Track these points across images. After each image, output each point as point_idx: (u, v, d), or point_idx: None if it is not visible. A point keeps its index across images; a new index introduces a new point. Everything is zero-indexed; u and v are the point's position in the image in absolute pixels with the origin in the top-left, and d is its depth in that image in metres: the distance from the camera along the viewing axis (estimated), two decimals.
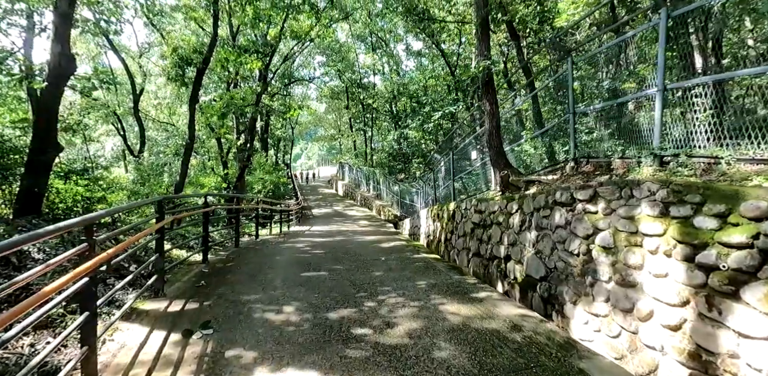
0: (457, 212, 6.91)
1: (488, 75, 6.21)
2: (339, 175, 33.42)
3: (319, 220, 17.98)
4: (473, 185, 10.43)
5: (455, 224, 6.95)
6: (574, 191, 3.68)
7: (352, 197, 26.46)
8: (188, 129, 10.97)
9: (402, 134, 24.75)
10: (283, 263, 5.61)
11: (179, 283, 4.43)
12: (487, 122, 6.32)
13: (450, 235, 7.19)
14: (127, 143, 20.37)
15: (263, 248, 7.22)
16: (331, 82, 34.69)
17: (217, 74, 13.89)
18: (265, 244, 8.07)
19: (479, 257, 5.59)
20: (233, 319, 3.26)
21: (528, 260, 4.23)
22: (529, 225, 4.36)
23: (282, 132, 36.51)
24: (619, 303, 3.00)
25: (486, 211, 5.60)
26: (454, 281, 4.44)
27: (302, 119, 42.49)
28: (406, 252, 6.67)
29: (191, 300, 3.77)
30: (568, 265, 3.60)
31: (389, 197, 21.01)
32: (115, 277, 4.22)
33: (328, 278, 4.63)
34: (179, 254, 5.94)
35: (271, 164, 24.96)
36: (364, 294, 3.91)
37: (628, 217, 3.06)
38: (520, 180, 5.90)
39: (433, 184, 12.51)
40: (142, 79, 22.44)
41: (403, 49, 30.10)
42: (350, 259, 5.87)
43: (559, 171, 6.04)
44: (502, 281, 4.76)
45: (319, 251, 6.74)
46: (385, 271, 4.98)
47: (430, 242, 8.78)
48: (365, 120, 28.48)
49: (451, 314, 3.33)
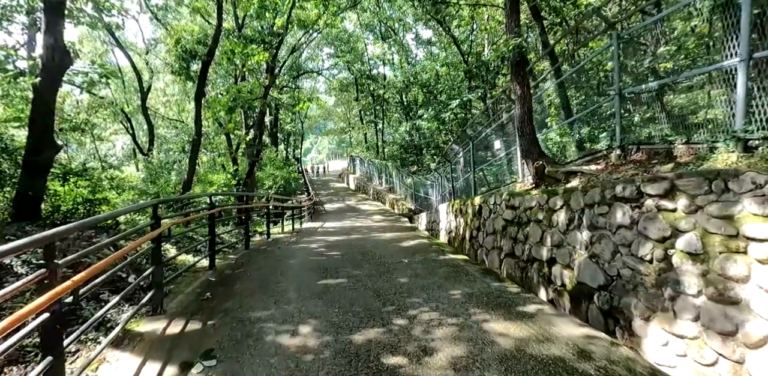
0: (484, 207, 6.32)
1: (519, 55, 5.55)
2: (350, 168, 32.92)
3: (331, 215, 17.54)
4: (494, 177, 9.80)
5: (482, 220, 6.36)
6: (641, 185, 3.06)
7: (364, 190, 25.96)
8: (195, 125, 10.51)
9: (414, 125, 24.08)
10: (296, 267, 5.11)
11: (182, 295, 3.95)
12: (518, 107, 5.68)
13: (476, 232, 6.60)
14: (136, 141, 20.12)
15: (275, 250, 6.75)
16: (339, 75, 34.08)
17: (224, 68, 13.40)
18: (277, 244, 7.60)
19: (514, 258, 5.01)
20: (241, 344, 2.76)
21: (580, 265, 3.64)
22: (579, 224, 3.76)
23: (291, 126, 36.09)
24: (714, 324, 2.41)
25: (521, 206, 5.00)
26: (493, 290, 3.87)
27: (311, 113, 42.00)
28: (429, 252, 6.12)
29: (194, 318, 3.28)
30: (637, 273, 3.00)
31: (402, 190, 20.45)
32: (109, 291, 3.76)
33: (347, 286, 4.10)
34: (185, 260, 5.48)
35: (281, 159, 24.55)
36: (391, 308, 3.37)
37: (723, 216, 2.44)
38: (557, 171, 5.27)
39: (450, 176, 11.91)
40: (150, 76, 22.12)
41: (413, 39, 29.22)
42: (370, 262, 5.34)
43: (602, 160, 5.39)
44: (545, 287, 4.18)
45: (335, 253, 6.23)
46: (410, 277, 4.43)
47: (452, 239, 8.21)
48: (375, 112, 27.81)
49: (499, 335, 2.77)
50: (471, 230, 6.86)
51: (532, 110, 5.77)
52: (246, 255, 6.24)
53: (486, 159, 10.00)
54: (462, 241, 7.35)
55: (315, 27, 17.12)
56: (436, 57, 25.15)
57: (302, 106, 12.65)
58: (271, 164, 22.94)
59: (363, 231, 10.45)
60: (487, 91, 12.13)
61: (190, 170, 10.60)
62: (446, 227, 8.85)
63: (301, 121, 38.10)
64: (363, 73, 27.88)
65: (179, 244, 6.32)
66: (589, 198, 3.65)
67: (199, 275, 4.77)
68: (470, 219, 6.99)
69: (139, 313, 3.38)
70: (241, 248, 6.98)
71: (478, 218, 6.56)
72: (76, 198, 6.78)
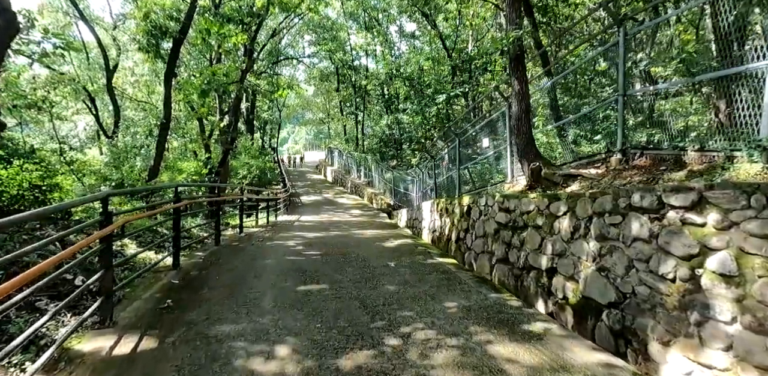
0: (474, 208, 6.01)
1: (520, 48, 5.21)
2: (328, 160, 32.24)
3: (308, 208, 16.99)
4: (479, 176, 9.55)
5: (471, 221, 6.05)
6: (663, 194, 2.78)
7: (342, 183, 25.44)
8: (164, 107, 9.74)
9: (396, 119, 23.68)
10: (272, 269, 4.65)
11: (138, 302, 3.43)
12: (515, 104, 5.36)
13: (464, 234, 6.30)
14: (100, 122, 18.78)
15: (248, 247, 6.24)
16: (320, 64, 33.16)
17: (198, 48, 12.53)
18: (250, 240, 7.07)
19: (507, 264, 4.72)
20: (204, 369, 2.31)
21: (586, 278, 3.36)
22: (586, 233, 3.47)
23: (269, 115, 34.97)
24: (752, 356, 2.14)
25: (516, 210, 4.70)
26: (492, 303, 3.55)
27: (290, 102, 40.89)
28: (416, 255, 5.77)
29: (149, 333, 2.79)
30: (656, 292, 2.72)
31: (381, 185, 20.08)
32: (50, 297, 3.20)
33: (330, 294, 3.69)
34: (145, 258, 4.91)
35: (257, 148, 23.67)
36: (381, 323, 2.99)
37: (764, 235, 2.17)
38: (555, 174, 5.01)
39: (433, 172, 11.60)
40: (117, 54, 20.70)
41: (396, 31, 28.67)
42: (353, 264, 4.94)
43: (600, 164, 5.17)
44: (544, 298, 3.90)
45: (315, 253, 5.79)
46: (399, 284, 4.06)
47: (436, 238, 7.90)
48: (356, 103, 27.19)
49: (507, 361, 2.44)
50: (458, 231, 6.55)
51: (530, 108, 5.47)
52: (216, 252, 5.70)
53: (471, 157, 9.74)
54: (448, 242, 7.05)
55: (297, 11, 16.36)
56: (420, 51, 24.74)
57: (281, 93, 12.00)
58: (246, 153, 22.05)
59: (342, 227, 10.02)
60: (472, 87, 11.84)
61: (157, 156, 9.84)
62: (430, 226, 8.53)
63: (279, 109, 36.99)
64: (345, 63, 27.15)
65: (140, 238, 5.71)
66: (598, 206, 3.36)
67: (160, 276, 4.24)
68: (457, 220, 6.68)
69: (85, 325, 2.86)
70: (210, 244, 6.42)
71: (467, 219, 6.25)
72: (22, 183, 6.03)
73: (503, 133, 7.52)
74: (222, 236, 7.48)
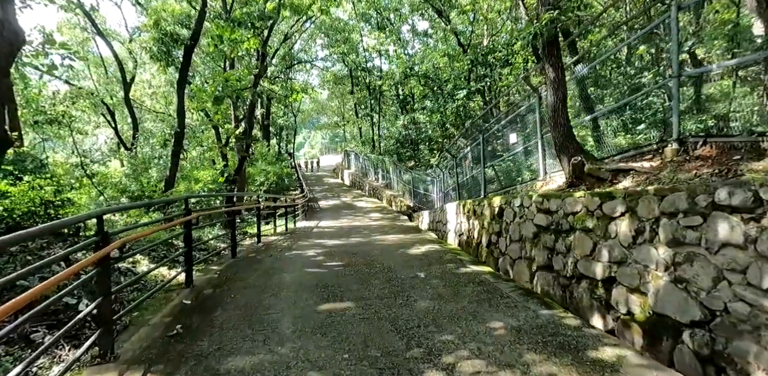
0: (507, 209, 5.51)
1: (554, 31, 4.71)
2: (344, 163, 31.98)
3: (327, 213, 16.70)
4: (505, 174, 9.01)
5: (503, 224, 5.56)
6: (761, 190, 2.26)
7: (360, 186, 25.11)
8: (177, 116, 9.57)
9: (412, 119, 23.25)
10: (291, 285, 4.27)
11: (145, 328, 3.09)
12: (551, 94, 4.85)
13: (496, 238, 5.80)
14: (119, 135, 18.98)
15: (266, 259, 5.90)
16: (333, 67, 33.03)
17: (210, 56, 12.40)
18: (268, 251, 6.74)
19: (551, 272, 4.22)
20: None
21: (658, 291, 2.85)
22: (653, 237, 2.95)
23: (284, 120, 35.04)
24: None
25: (559, 211, 4.19)
26: (545, 322, 3.06)
27: (305, 107, 40.99)
28: (446, 263, 5.31)
29: (153, 369, 2.43)
30: (759, 310, 2.20)
31: (400, 187, 19.66)
32: (51, 326, 2.89)
33: (356, 314, 3.27)
34: (158, 274, 4.61)
35: (273, 154, 23.58)
36: (418, 352, 2.56)
37: None
38: (601, 169, 4.48)
39: (455, 172, 11.12)
40: (134, 66, 20.94)
41: (408, 30, 28.27)
42: (378, 276, 4.52)
43: (652, 156, 4.60)
44: (601, 313, 3.39)
45: (336, 263, 5.40)
46: (433, 299, 3.62)
47: (463, 242, 7.42)
48: (371, 105, 26.85)
49: None
50: (489, 234, 6.06)
51: (567, 98, 4.94)
52: (232, 266, 5.37)
53: (496, 154, 9.21)
54: (477, 247, 6.55)
55: (309, 13, 16.13)
56: (434, 48, 24.27)
57: (295, 97, 11.72)
58: (262, 159, 21.98)
59: (363, 232, 9.63)
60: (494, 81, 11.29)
61: (172, 166, 9.68)
62: (456, 228, 8.05)
63: (294, 114, 37.04)
64: (358, 65, 26.88)
65: (153, 253, 5.43)
66: (668, 205, 2.84)
67: (172, 296, 3.91)
68: (487, 222, 6.18)
69: (84, 359, 2.53)
70: (227, 256, 6.11)
71: (498, 221, 5.75)
72: (35, 200, 5.86)
73: (533, 127, 7.00)
74: (240, 246, 7.19)
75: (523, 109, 7.21)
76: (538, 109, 6.59)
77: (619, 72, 6.40)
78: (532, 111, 6.90)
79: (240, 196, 10.19)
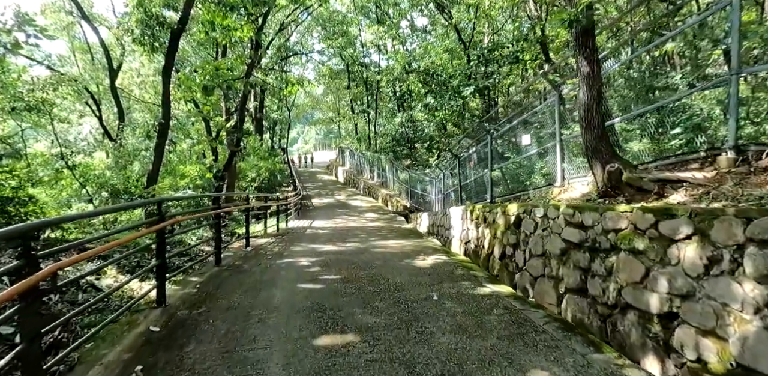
0: (526, 219, 4.93)
1: (591, 19, 4.12)
2: (339, 160, 31.29)
3: (320, 212, 16.05)
4: (513, 178, 8.45)
5: (521, 235, 4.98)
6: None
7: (354, 184, 24.47)
8: (162, 106, 8.84)
9: (410, 117, 22.65)
10: (282, 307, 3.64)
11: (95, 370, 2.45)
12: (584, 91, 4.27)
13: (511, 250, 5.22)
14: (104, 125, 18.08)
15: (253, 268, 5.26)
16: (330, 62, 32.25)
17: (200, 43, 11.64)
18: (256, 258, 6.10)
19: (585, 297, 3.64)
20: None
21: (745, 339, 2.28)
22: (735, 268, 2.38)
23: (278, 114, 34.19)
24: None
25: (596, 225, 3.61)
26: (599, 370, 2.47)
27: (299, 101, 40.16)
28: (459, 279, 4.73)
29: None
30: None
31: (396, 186, 19.07)
32: None
33: (362, 353, 2.65)
34: (128, 289, 3.94)
35: (266, 149, 22.80)
36: None
37: None
38: (643, 178, 3.90)
39: (457, 173, 10.55)
40: (121, 53, 19.98)
41: (407, 25, 27.58)
42: (384, 297, 3.91)
43: (701, 166, 4.05)
44: (659, 355, 2.82)
45: (334, 277, 4.78)
46: (453, 332, 3.01)
47: (471, 252, 6.84)
48: (368, 101, 26.16)
49: None
50: (503, 246, 5.48)
51: (602, 94, 4.36)
52: (215, 277, 4.72)
53: (504, 156, 8.66)
54: (489, 258, 5.98)
55: (306, 3, 15.40)
56: (435, 44, 23.66)
57: (290, 90, 11.03)
58: (255, 154, 21.21)
59: (360, 236, 9.03)
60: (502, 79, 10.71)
61: (156, 160, 8.95)
62: (462, 235, 7.47)
63: (288, 109, 36.20)
64: (356, 60, 26.15)
65: (125, 261, 4.75)
66: (759, 230, 2.27)
67: (138, 319, 3.26)
68: (501, 232, 5.61)
69: None
70: (210, 264, 5.45)
71: (515, 232, 5.18)
72: None
73: (551, 128, 6.43)
74: (226, 250, 6.53)
75: (540, 107, 6.63)
76: (557, 109, 6.02)
77: (653, 71, 5.86)
78: (549, 111, 6.33)
79: (228, 196, 9.47)
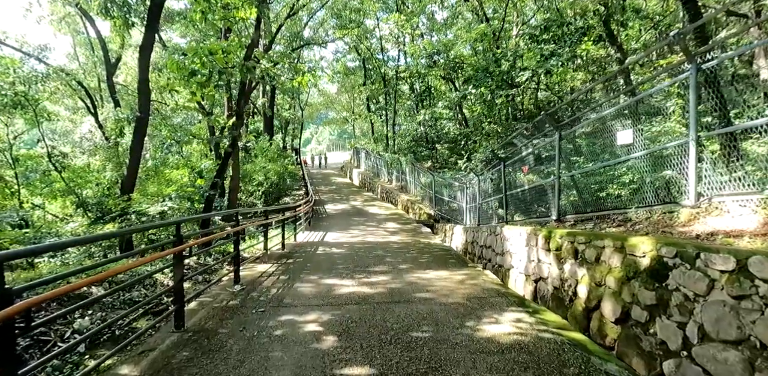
0: (679, 268, 2.91)
1: None
2: (353, 161, 29.43)
3: (334, 221, 14.21)
4: (586, 189, 6.40)
5: (666, 292, 2.97)
6: None
7: (371, 188, 22.56)
8: (138, 95, 7.05)
9: (432, 114, 20.67)
10: None
11: None
12: None
13: (646, 314, 3.20)
14: (100, 123, 16.56)
15: (230, 341, 3.33)
16: (344, 58, 30.51)
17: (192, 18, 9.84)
18: (243, 311, 4.19)
19: None
20: None
21: None
22: None
23: (290, 114, 32.53)
24: None
25: None
26: None
27: (312, 100, 38.55)
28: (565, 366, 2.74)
29: None
30: None
31: (418, 190, 17.10)
32: None
33: None
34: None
35: (276, 150, 21.03)
36: None
37: None
38: None
39: (502, 179, 8.55)
40: (120, 46, 18.48)
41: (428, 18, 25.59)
42: None
43: None
44: None
45: (361, 359, 2.84)
46: None
47: (546, 295, 4.85)
48: (387, 98, 24.24)
49: None
50: (624, 304, 3.46)
51: None
52: (164, 365, 2.82)
53: (572, 160, 6.62)
54: (588, 314, 3.96)
55: None
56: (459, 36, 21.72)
57: (301, 80, 9.18)
58: (263, 155, 19.47)
59: (386, 259, 7.12)
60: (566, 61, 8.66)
61: (131, 163, 7.17)
62: (530, 269, 5.46)
63: (302, 108, 34.56)
64: (373, 54, 24.26)
65: None
66: None
67: None
68: (617, 279, 3.59)
69: None
70: (168, 327, 3.56)
71: (651, 286, 3.16)
72: None
73: (674, 119, 4.40)
74: (202, 294, 4.65)
75: (655, 90, 4.57)
76: (694, 90, 3.95)
77: None
78: (678, 92, 4.30)
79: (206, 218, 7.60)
